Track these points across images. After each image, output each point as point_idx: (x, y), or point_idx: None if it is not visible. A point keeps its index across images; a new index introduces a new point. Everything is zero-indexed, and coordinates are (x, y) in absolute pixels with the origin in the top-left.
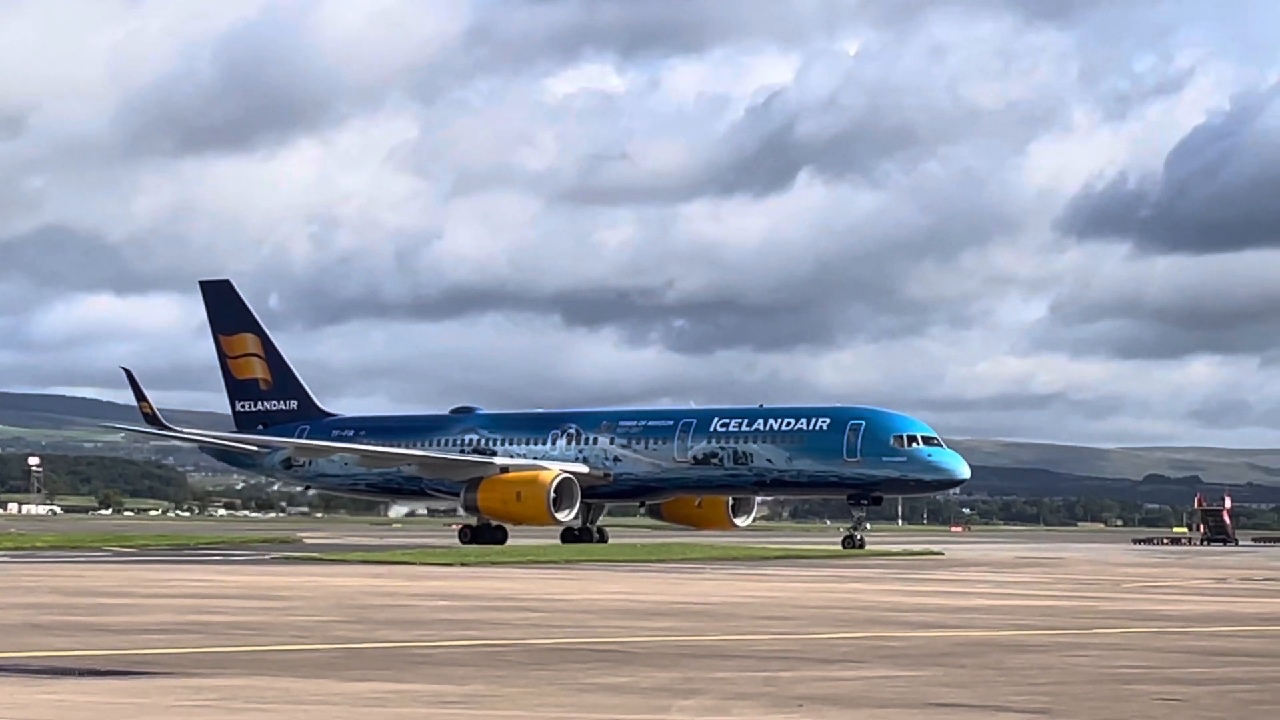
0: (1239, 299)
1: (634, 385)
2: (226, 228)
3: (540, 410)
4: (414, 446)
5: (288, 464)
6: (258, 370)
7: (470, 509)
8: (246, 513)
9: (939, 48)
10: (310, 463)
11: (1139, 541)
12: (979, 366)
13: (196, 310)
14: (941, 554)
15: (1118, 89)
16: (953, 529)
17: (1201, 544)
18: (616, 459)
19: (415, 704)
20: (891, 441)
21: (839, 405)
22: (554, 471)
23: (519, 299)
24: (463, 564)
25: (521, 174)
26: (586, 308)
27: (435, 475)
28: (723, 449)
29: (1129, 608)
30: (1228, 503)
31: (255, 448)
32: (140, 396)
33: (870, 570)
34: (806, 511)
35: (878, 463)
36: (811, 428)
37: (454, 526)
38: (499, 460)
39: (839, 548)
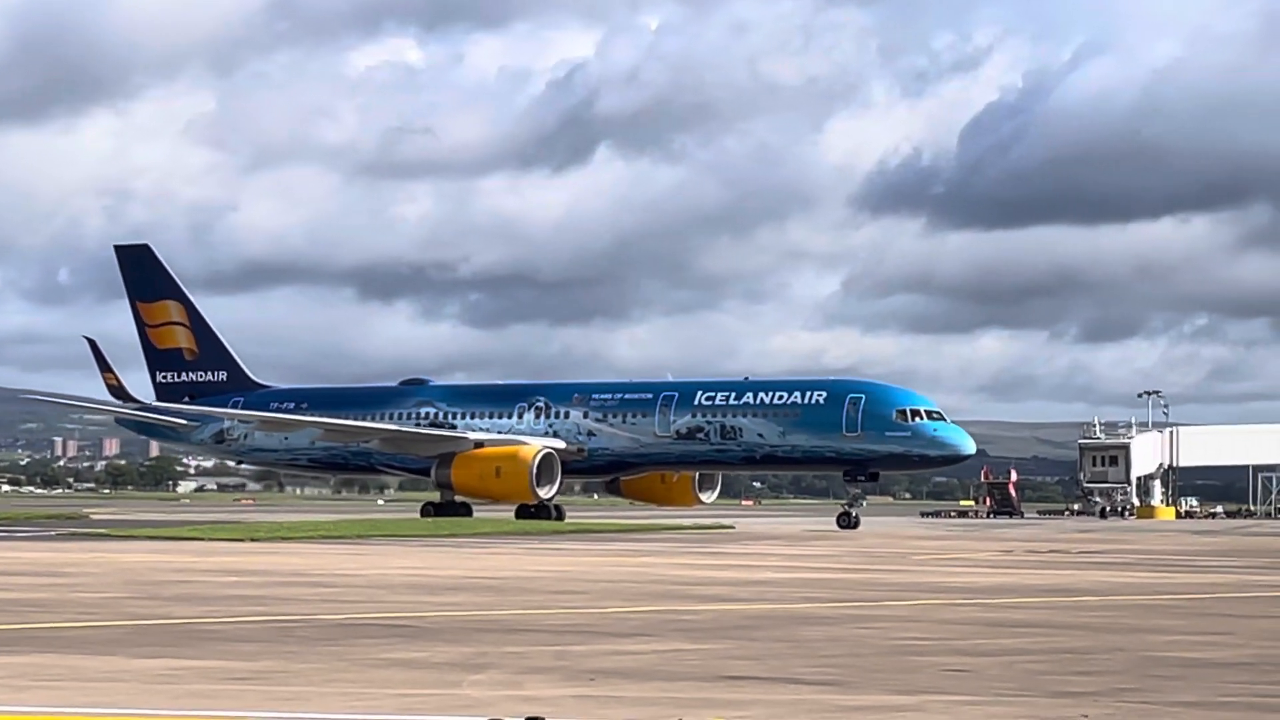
0: (1028, 275)
1: (428, 359)
2: (18, 201)
3: (502, 382)
4: (363, 420)
5: (219, 438)
6: (181, 339)
7: (443, 485)
8: (31, 489)
9: (740, 24)
10: (246, 436)
11: (927, 515)
12: (773, 341)
13: None
14: (733, 528)
15: (916, 66)
16: (743, 503)
17: (988, 517)
18: (591, 433)
19: (205, 680)
20: (894, 416)
21: (835, 378)
22: (535, 446)
23: (314, 273)
24: (252, 539)
25: (320, 147)
26: (381, 282)
27: (397, 450)
28: (709, 423)
29: (917, 580)
30: (1014, 476)
31: (188, 420)
32: (105, 368)
33: (662, 544)
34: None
35: (880, 438)
36: (807, 401)
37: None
38: (472, 435)
39: (638, 521)
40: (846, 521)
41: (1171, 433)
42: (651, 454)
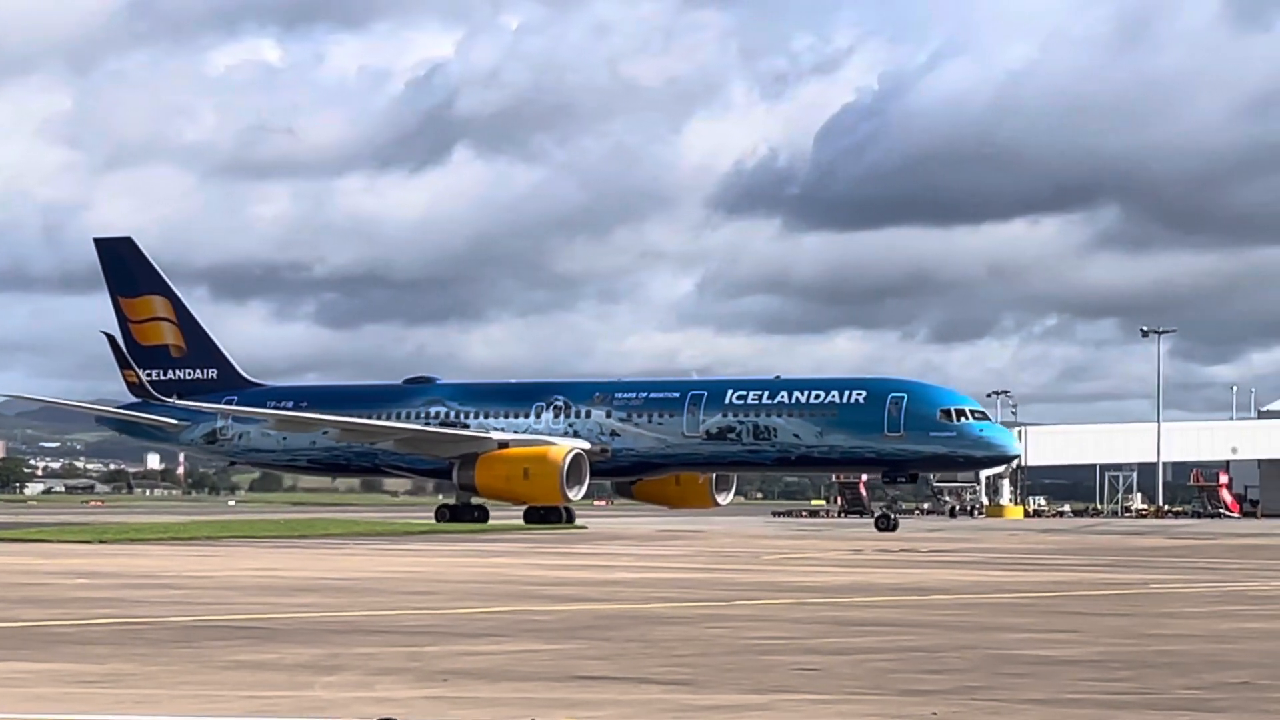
0: (882, 275)
1: (280, 359)
2: None
3: (515, 380)
4: (369, 419)
5: (211, 438)
6: (167, 336)
7: (465, 487)
8: None
9: (602, 25)
10: (240, 436)
11: (779, 514)
12: (627, 341)
13: None
14: (585, 528)
15: (776, 68)
16: (595, 502)
17: (839, 516)
18: (614, 433)
19: (54, 683)
20: (938, 416)
21: (874, 377)
22: (565, 447)
23: (168, 272)
24: (102, 541)
25: (178, 146)
26: (235, 282)
27: (411, 451)
28: (741, 423)
29: (768, 580)
30: (864, 476)
31: (178, 420)
32: (125, 364)
33: (514, 545)
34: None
35: (924, 438)
36: (846, 400)
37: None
38: (495, 435)
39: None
40: (885, 524)
41: (1020, 432)
42: (679, 455)
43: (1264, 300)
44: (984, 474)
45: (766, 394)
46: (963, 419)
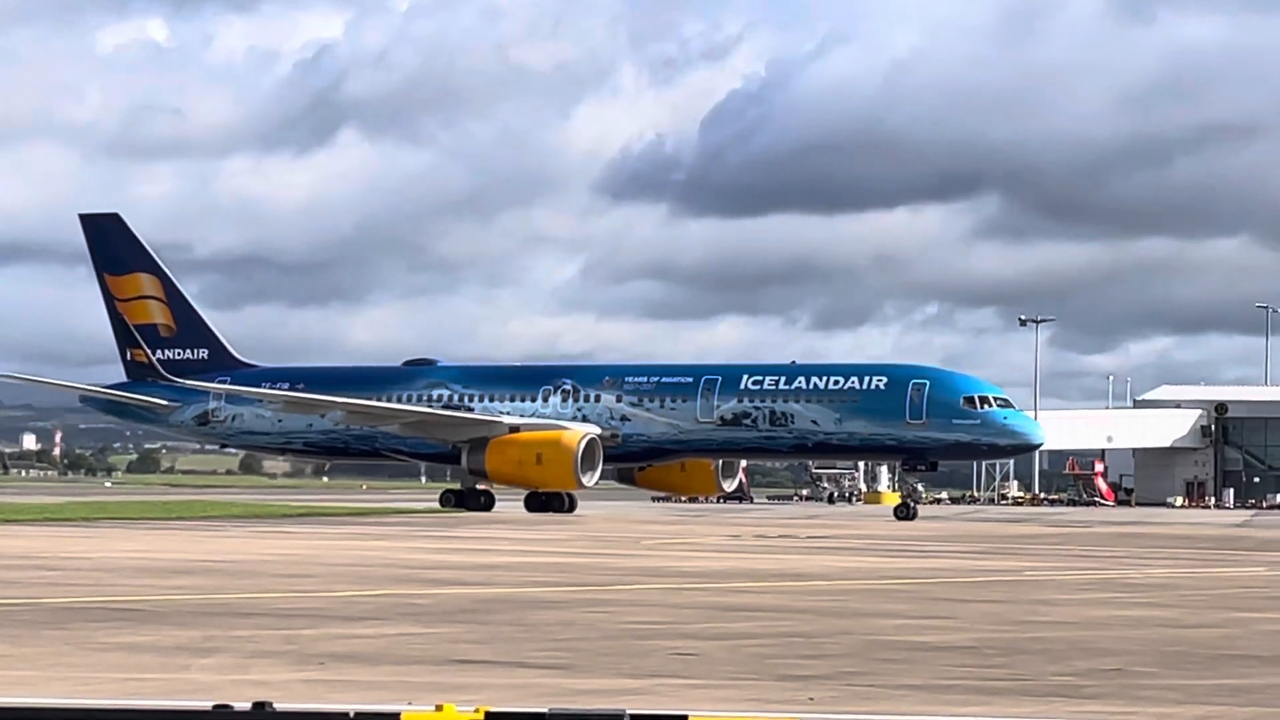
0: (766, 262)
1: None
2: None
3: (521, 363)
4: (371, 402)
5: (202, 420)
6: (156, 315)
7: (475, 472)
8: None
9: (492, 8)
10: (233, 418)
11: (658, 499)
12: (510, 325)
13: None
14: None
15: (666, 53)
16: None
17: (718, 502)
18: (625, 418)
19: None
20: (961, 403)
21: (894, 363)
22: (579, 431)
23: (49, 253)
24: None
25: (64, 126)
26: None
27: (415, 434)
28: (757, 409)
29: (647, 565)
30: (742, 461)
31: (168, 400)
32: (133, 344)
33: (393, 528)
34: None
35: (946, 425)
36: (866, 387)
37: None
38: (506, 419)
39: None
40: (905, 513)
41: None
42: (692, 441)
43: (1142, 291)
44: (1001, 463)
45: (784, 379)
46: (986, 406)
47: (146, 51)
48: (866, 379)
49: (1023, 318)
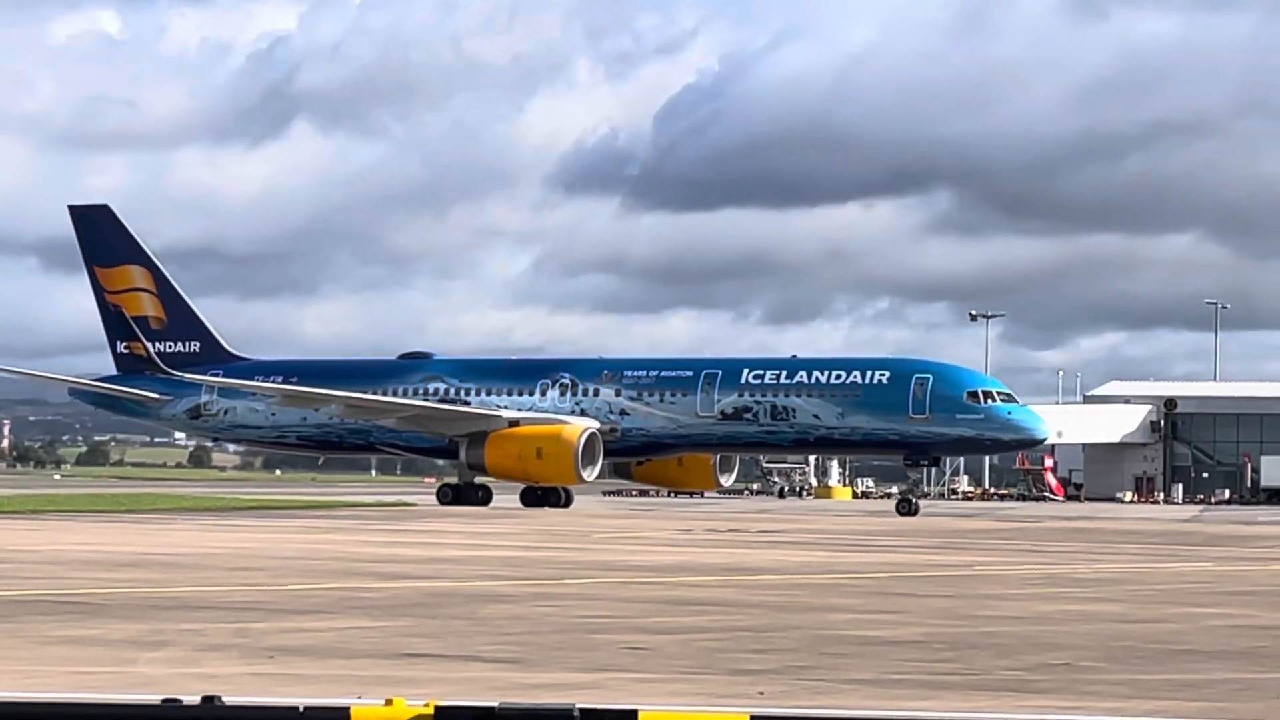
0: (718, 257)
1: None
2: None
3: (517, 357)
4: (367, 395)
5: (195, 413)
6: (147, 307)
7: (474, 466)
8: None
9: (446, 1)
10: (225, 412)
11: (609, 493)
12: (462, 318)
13: None
14: (415, 505)
15: (620, 47)
16: (425, 480)
17: (670, 496)
18: (624, 412)
19: None
20: (965, 398)
21: (896, 357)
22: (580, 426)
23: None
24: None
25: (14, 117)
26: (68, 254)
27: (411, 428)
28: (758, 403)
29: (598, 558)
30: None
31: (160, 394)
32: (131, 336)
33: (343, 522)
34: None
35: (950, 420)
36: (869, 381)
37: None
38: (505, 413)
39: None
40: (906, 509)
41: None
42: (691, 435)
43: (1092, 287)
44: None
45: (785, 373)
46: (990, 401)
47: (99, 43)
48: (869, 373)
49: (973, 313)
